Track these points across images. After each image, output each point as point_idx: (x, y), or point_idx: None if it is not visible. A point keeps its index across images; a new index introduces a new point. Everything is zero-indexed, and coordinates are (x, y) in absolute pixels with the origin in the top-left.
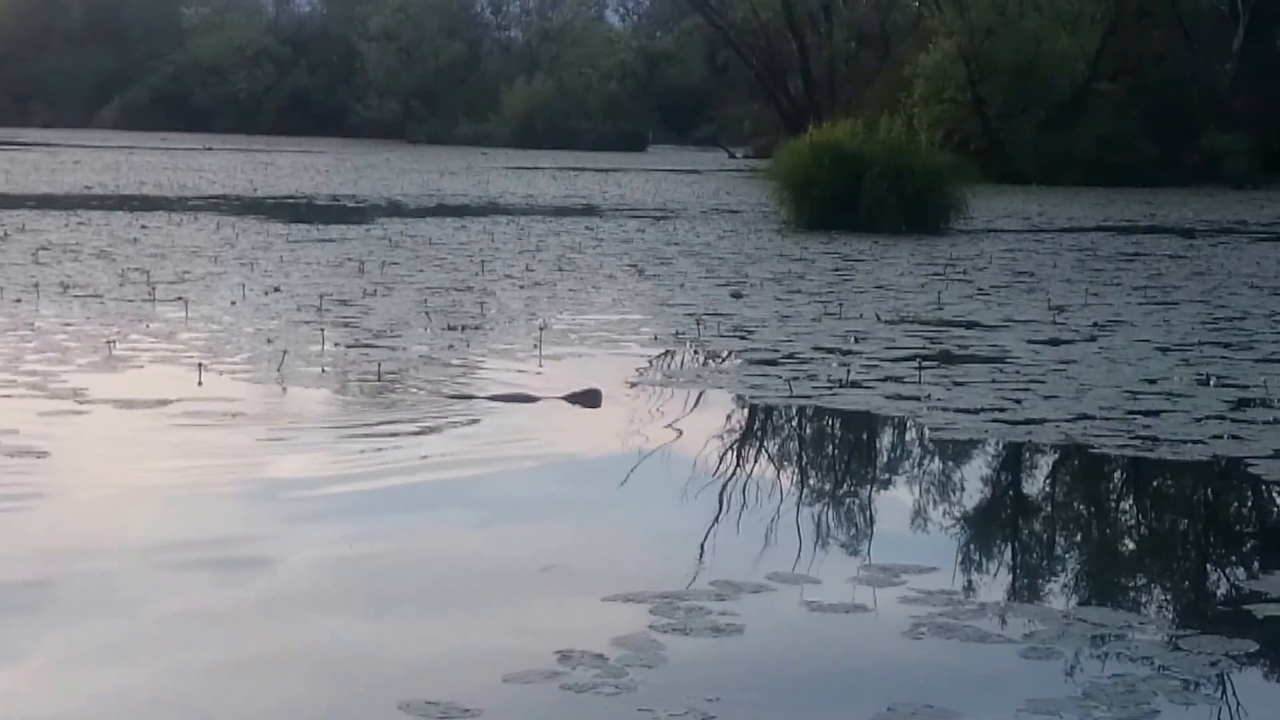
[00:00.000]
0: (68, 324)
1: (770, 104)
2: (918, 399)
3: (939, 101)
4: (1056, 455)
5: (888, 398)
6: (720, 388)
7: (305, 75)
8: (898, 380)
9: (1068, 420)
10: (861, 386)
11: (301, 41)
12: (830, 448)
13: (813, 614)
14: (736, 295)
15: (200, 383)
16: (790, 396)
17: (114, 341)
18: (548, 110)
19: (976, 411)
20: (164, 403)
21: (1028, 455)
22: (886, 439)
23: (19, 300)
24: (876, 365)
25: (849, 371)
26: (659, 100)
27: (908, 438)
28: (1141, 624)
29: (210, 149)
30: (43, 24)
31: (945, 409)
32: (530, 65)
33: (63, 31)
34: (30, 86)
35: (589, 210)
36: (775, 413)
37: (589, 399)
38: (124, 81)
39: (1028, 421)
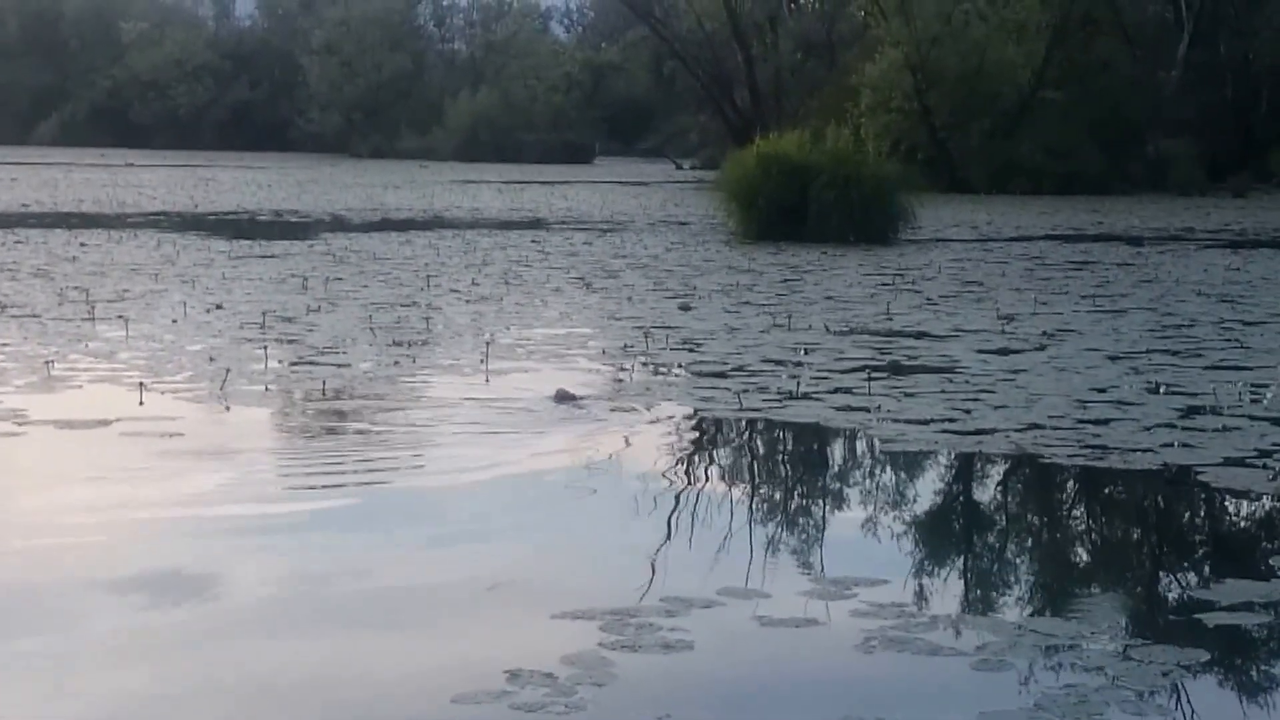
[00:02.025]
0: (4, 344)
1: (717, 115)
2: (867, 410)
3: (886, 111)
4: (1007, 465)
5: (838, 409)
6: (669, 400)
7: (246, 89)
8: (847, 391)
9: (1018, 430)
10: (811, 398)
11: (242, 55)
12: (781, 460)
13: (764, 629)
14: (685, 308)
15: (141, 402)
16: (740, 409)
17: (52, 361)
18: (492, 123)
19: (927, 422)
20: (104, 423)
21: (978, 466)
22: (837, 451)
23: None
24: (826, 377)
25: (799, 383)
26: (605, 112)
27: (858, 449)
28: (1094, 634)
29: (132, 164)
30: None
31: (895, 420)
32: (475, 78)
33: None
34: None
35: (535, 223)
36: (725, 426)
37: (566, 397)
38: (61, 97)
39: (978, 432)
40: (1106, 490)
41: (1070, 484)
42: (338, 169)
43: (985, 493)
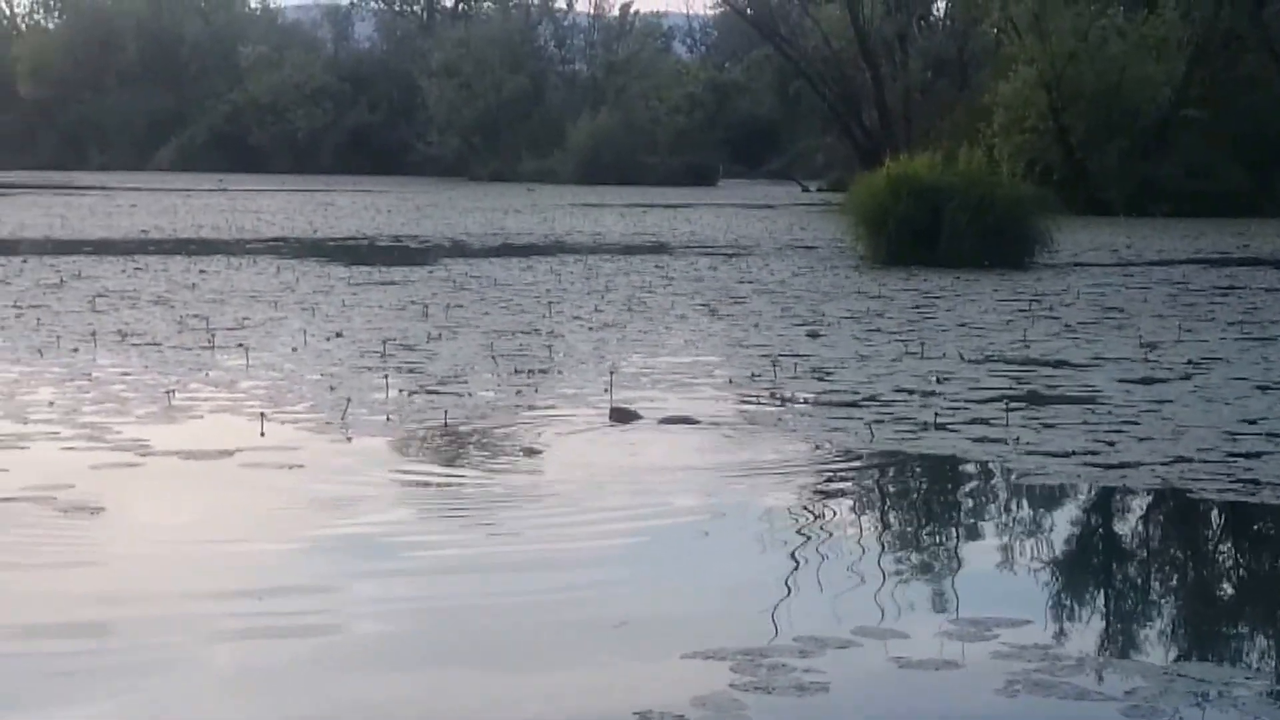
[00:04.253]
0: (126, 373)
1: (844, 136)
2: (1005, 442)
3: (1020, 131)
4: (1153, 500)
5: (974, 441)
6: (798, 431)
7: (365, 112)
8: (984, 422)
9: (1164, 464)
10: (947, 429)
11: (361, 78)
12: (915, 494)
13: (901, 670)
14: (813, 335)
15: (263, 433)
16: (872, 440)
17: (173, 391)
18: (614, 145)
19: (1067, 455)
20: (226, 453)
21: (1123, 501)
22: (974, 485)
23: (76, 350)
24: (962, 407)
25: (935, 415)
26: (729, 133)
27: (996, 483)
28: (1247, 678)
29: (225, 187)
30: (98, 65)
31: (1035, 452)
32: (595, 99)
33: (118, 72)
34: (86, 129)
35: (659, 248)
36: (856, 457)
37: (625, 416)
38: (180, 122)
39: (1122, 465)
40: (1257, 527)
41: (1220, 520)
42: (457, 192)
43: (1130, 529)
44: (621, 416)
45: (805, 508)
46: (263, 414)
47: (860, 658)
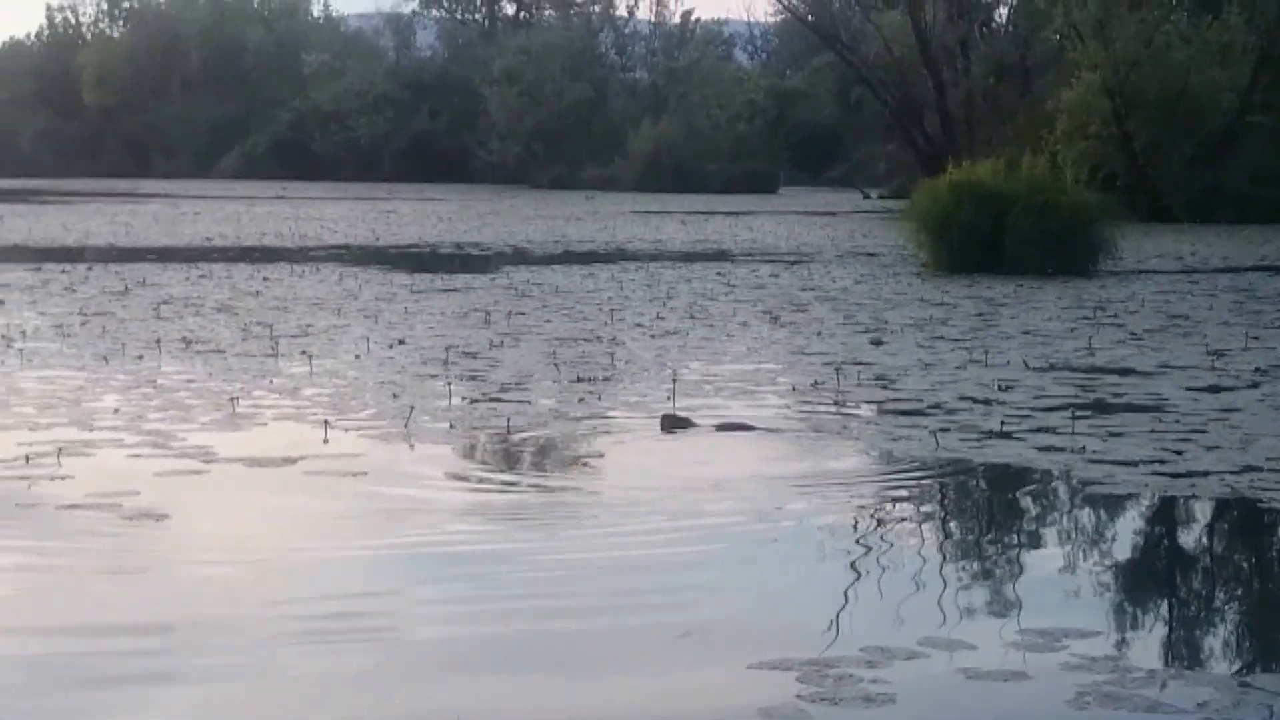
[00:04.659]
0: (190, 380)
1: (905, 143)
2: (1071, 450)
3: (1083, 137)
4: (1221, 509)
5: (1040, 449)
6: (862, 439)
7: (426, 120)
8: (1050, 431)
9: (1233, 473)
10: (1012, 438)
11: (423, 86)
12: (981, 503)
13: (969, 681)
14: (876, 343)
15: (326, 440)
16: (937, 448)
17: (238, 398)
18: (675, 152)
19: (1135, 464)
20: (290, 460)
21: (1191, 510)
22: (1040, 493)
23: (141, 357)
24: (1027, 415)
25: (1002, 423)
26: (790, 140)
27: (1062, 492)
28: None
29: (284, 195)
30: (161, 73)
31: (1101, 461)
32: (657, 106)
33: (182, 80)
34: (149, 136)
35: (720, 255)
36: (921, 465)
37: (678, 423)
38: (243, 130)
39: (1190, 474)
40: None
41: None
42: (518, 200)
43: (1200, 539)
44: (674, 424)
45: (870, 516)
46: (326, 421)
47: (927, 668)
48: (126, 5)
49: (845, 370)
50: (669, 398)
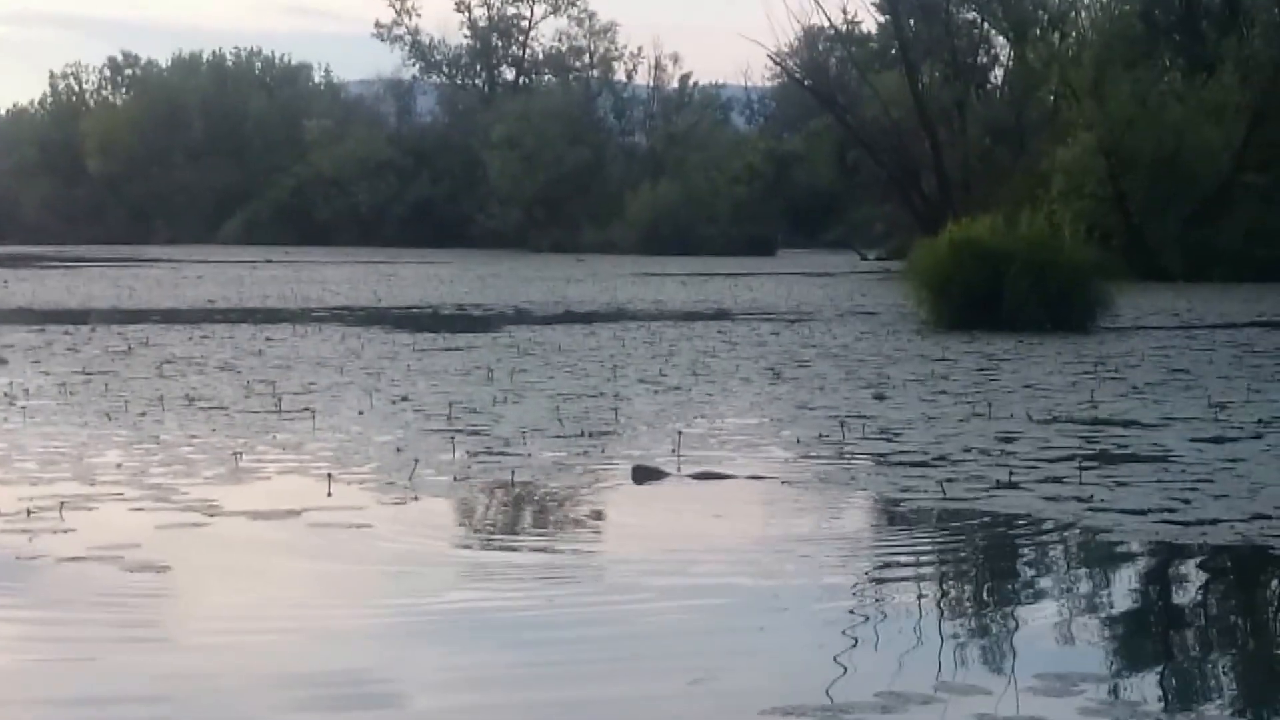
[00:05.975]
0: (193, 436)
1: (903, 204)
2: (1080, 500)
3: (1079, 197)
4: (1233, 557)
5: (1048, 499)
6: (870, 490)
7: (427, 185)
8: (1057, 481)
9: (1242, 520)
10: (1019, 488)
11: (423, 151)
12: (992, 550)
13: None
14: (879, 397)
15: (330, 493)
16: (945, 498)
17: (241, 453)
18: (674, 215)
19: (1144, 513)
20: (293, 513)
21: (1203, 557)
22: (1050, 542)
23: (144, 414)
24: (1034, 466)
25: (1010, 473)
26: (788, 203)
27: (1072, 540)
28: None
29: (289, 258)
30: (165, 141)
31: (1109, 509)
32: (655, 170)
33: (185, 147)
34: (153, 203)
35: (720, 314)
36: (929, 515)
37: (650, 475)
38: (246, 196)
39: (1199, 522)
40: None
41: None
42: (518, 263)
43: (1213, 586)
44: (645, 475)
45: (877, 563)
46: (329, 475)
47: (944, 714)
48: (129, 73)
49: (850, 424)
50: (674, 451)
